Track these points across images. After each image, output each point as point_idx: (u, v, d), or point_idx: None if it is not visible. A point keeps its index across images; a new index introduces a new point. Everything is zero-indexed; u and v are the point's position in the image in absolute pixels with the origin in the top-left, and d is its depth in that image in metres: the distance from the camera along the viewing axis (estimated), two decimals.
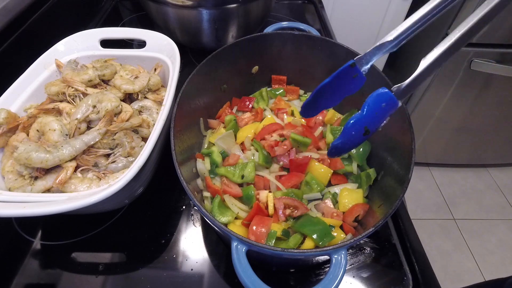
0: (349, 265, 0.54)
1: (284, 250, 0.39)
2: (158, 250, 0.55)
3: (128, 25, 1.12)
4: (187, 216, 0.60)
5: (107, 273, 0.53)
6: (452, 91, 1.48)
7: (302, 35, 0.66)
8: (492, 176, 2.02)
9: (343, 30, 1.70)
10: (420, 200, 1.90)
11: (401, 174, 0.48)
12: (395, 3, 1.59)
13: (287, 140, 0.60)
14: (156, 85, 0.65)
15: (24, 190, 0.49)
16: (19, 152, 0.48)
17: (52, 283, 0.52)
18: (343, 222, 0.54)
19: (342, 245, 0.39)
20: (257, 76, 0.72)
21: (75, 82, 0.61)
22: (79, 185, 0.51)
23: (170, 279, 0.52)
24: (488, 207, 1.87)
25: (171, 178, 0.50)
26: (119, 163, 0.55)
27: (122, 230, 0.58)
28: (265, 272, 0.51)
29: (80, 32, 0.71)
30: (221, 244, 0.57)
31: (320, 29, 1.10)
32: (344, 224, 0.54)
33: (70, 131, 0.55)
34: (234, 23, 0.88)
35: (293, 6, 1.24)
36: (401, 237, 0.57)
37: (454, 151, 1.88)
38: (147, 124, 0.61)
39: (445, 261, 1.64)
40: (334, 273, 0.38)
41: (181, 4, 0.80)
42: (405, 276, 0.53)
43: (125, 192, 0.47)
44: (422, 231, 1.75)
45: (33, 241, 0.57)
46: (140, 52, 0.71)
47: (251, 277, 0.38)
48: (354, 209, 0.54)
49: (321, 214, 0.55)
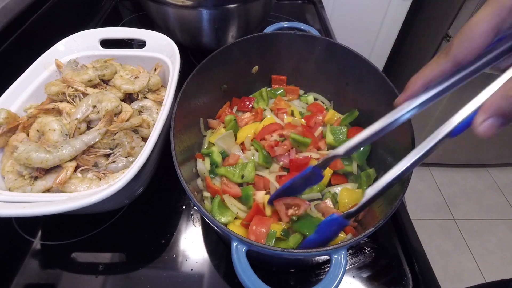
0: (349, 265, 0.54)
1: (284, 250, 0.39)
2: (158, 250, 0.55)
3: (128, 25, 1.12)
4: (187, 216, 0.60)
5: (107, 273, 0.53)
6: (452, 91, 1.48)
7: (302, 35, 0.66)
8: (492, 176, 2.02)
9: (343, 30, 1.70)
10: (420, 200, 1.90)
11: None
12: (395, 3, 1.59)
13: (287, 140, 0.60)
14: (156, 85, 0.65)
15: (24, 190, 0.49)
16: (19, 152, 0.48)
17: (52, 283, 0.52)
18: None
19: (342, 245, 0.39)
20: (257, 76, 0.72)
21: (75, 82, 0.61)
22: (79, 185, 0.51)
23: (170, 279, 0.52)
24: (488, 207, 1.87)
25: (171, 178, 0.50)
26: (119, 163, 0.55)
27: (122, 230, 0.58)
28: (265, 272, 0.51)
29: (80, 32, 0.71)
30: (221, 244, 0.57)
31: (320, 29, 1.10)
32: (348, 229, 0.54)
33: (70, 131, 0.55)
34: (234, 23, 0.88)
35: (293, 6, 1.24)
36: (401, 237, 0.57)
37: (454, 151, 1.88)
38: (147, 124, 0.61)
39: (445, 261, 1.64)
40: (334, 273, 0.38)
41: (181, 4, 0.80)
42: (405, 276, 0.53)
43: (125, 192, 0.47)
44: (422, 231, 1.75)
45: (33, 241, 0.57)
46: (140, 52, 0.71)
47: (251, 277, 0.38)
48: None
49: (321, 214, 0.55)
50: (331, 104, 0.72)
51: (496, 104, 0.26)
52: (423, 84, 0.34)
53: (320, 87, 0.73)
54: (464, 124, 0.30)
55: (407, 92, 0.35)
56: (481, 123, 0.27)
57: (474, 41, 0.29)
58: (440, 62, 0.32)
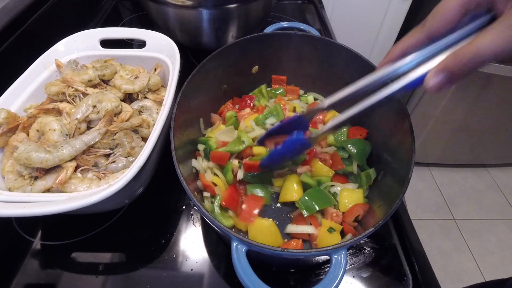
0: (349, 265, 0.54)
1: (284, 250, 0.39)
2: (158, 250, 0.55)
3: (128, 25, 1.12)
4: (187, 216, 0.60)
5: (107, 273, 0.53)
6: (452, 91, 1.48)
7: (302, 35, 0.66)
8: (492, 176, 2.02)
9: (343, 30, 1.70)
10: (420, 200, 1.90)
11: (401, 174, 0.48)
12: (395, 3, 1.59)
13: None
14: (156, 85, 0.65)
15: (24, 190, 0.49)
16: (19, 152, 0.48)
17: (52, 283, 0.52)
18: (343, 222, 0.54)
19: (342, 245, 0.39)
20: (257, 76, 0.72)
21: (75, 82, 0.61)
22: (79, 185, 0.51)
23: (170, 279, 0.52)
24: (488, 207, 1.87)
25: (171, 178, 0.50)
26: (119, 163, 0.55)
27: (122, 230, 0.58)
28: (265, 272, 0.51)
29: (80, 32, 0.71)
30: (221, 244, 0.57)
31: (320, 29, 1.10)
32: (344, 224, 0.54)
33: (70, 131, 0.55)
34: (234, 23, 0.88)
35: (293, 6, 1.23)
36: (401, 237, 0.57)
37: (454, 151, 1.88)
38: (147, 124, 0.61)
39: (445, 261, 1.64)
40: (334, 273, 0.38)
41: (181, 4, 0.80)
42: (405, 276, 0.53)
43: (125, 192, 0.47)
44: (422, 231, 1.75)
45: (33, 241, 0.56)
46: (140, 52, 0.71)
47: (251, 277, 0.38)
48: (354, 209, 0.54)
49: (321, 215, 0.56)
50: None
51: (445, 62, 0.31)
52: (401, 51, 0.38)
53: (320, 87, 0.73)
54: (418, 80, 0.35)
55: (387, 57, 0.40)
56: (430, 78, 0.32)
57: (445, 16, 0.34)
58: (417, 33, 0.37)
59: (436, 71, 0.32)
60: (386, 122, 0.58)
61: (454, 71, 0.31)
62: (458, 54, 0.30)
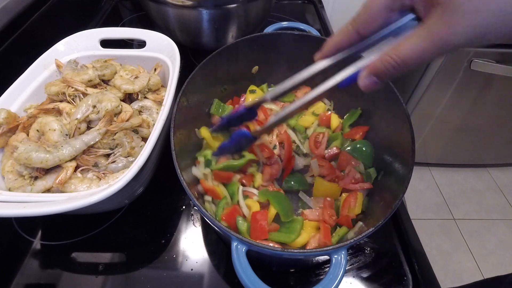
0: (349, 265, 0.54)
1: (284, 250, 0.39)
2: (158, 250, 0.55)
3: (128, 25, 1.12)
4: (187, 216, 0.60)
5: (107, 273, 0.53)
6: (452, 91, 1.47)
7: (302, 35, 0.66)
8: (492, 176, 2.01)
9: None
10: (420, 200, 1.90)
11: (401, 174, 0.48)
12: None
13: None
14: (156, 85, 0.65)
15: (24, 190, 0.49)
16: (19, 152, 0.48)
17: (52, 283, 0.52)
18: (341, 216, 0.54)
19: (342, 245, 0.39)
20: (257, 76, 0.72)
21: (75, 82, 0.61)
22: (79, 185, 0.51)
23: (170, 279, 0.52)
24: (488, 207, 1.87)
25: (171, 178, 0.50)
26: (119, 163, 0.55)
27: (122, 230, 0.58)
28: (265, 272, 0.51)
29: (80, 32, 0.71)
30: (221, 244, 0.57)
31: (320, 29, 1.10)
32: (345, 220, 0.53)
33: (70, 131, 0.55)
34: (234, 23, 0.88)
35: (293, 6, 1.23)
36: (401, 237, 0.57)
37: (454, 151, 1.88)
38: (147, 124, 0.61)
39: (445, 261, 1.64)
40: (334, 273, 0.38)
41: (181, 4, 0.80)
42: (405, 276, 0.53)
43: (125, 192, 0.47)
44: (422, 231, 1.75)
45: (33, 241, 0.57)
46: (140, 52, 0.71)
47: (251, 277, 0.38)
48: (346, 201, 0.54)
49: None
50: (331, 104, 0.73)
51: (373, 64, 0.33)
52: (334, 48, 0.39)
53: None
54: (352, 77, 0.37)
55: (321, 52, 0.41)
56: (362, 78, 0.34)
57: (372, 16, 0.35)
58: (348, 31, 0.38)
59: (367, 73, 0.34)
60: (386, 122, 0.58)
61: (382, 73, 0.32)
62: (384, 59, 0.31)
